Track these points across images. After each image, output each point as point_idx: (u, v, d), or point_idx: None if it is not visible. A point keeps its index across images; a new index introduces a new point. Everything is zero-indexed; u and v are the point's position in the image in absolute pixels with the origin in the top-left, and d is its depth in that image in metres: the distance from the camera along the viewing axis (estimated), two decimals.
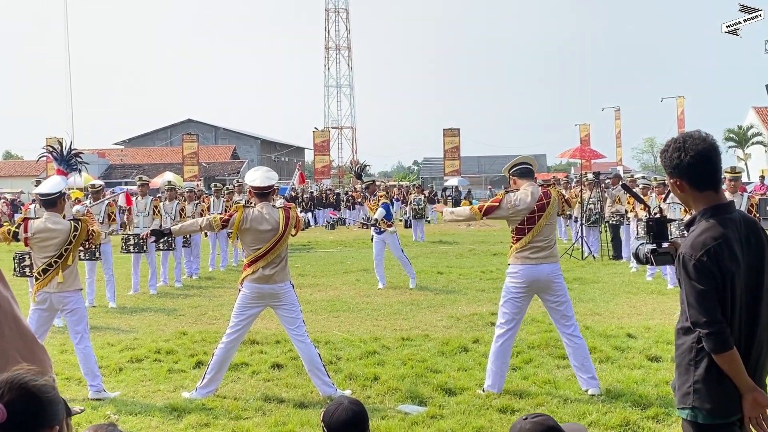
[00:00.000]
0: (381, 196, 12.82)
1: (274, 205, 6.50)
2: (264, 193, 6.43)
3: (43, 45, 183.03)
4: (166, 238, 6.63)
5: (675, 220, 9.52)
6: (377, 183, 13.52)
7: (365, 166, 14.15)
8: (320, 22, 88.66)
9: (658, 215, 3.56)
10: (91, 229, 6.62)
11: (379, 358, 7.50)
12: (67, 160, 6.97)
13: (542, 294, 6.32)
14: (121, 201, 12.87)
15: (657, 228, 3.45)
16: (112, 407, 6.07)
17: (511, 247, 6.31)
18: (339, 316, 10.00)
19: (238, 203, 6.84)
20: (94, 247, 10.48)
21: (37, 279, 6.48)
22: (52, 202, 6.55)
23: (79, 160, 7.16)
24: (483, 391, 6.24)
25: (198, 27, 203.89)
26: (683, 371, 2.94)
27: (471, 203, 7.66)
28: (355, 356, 7.57)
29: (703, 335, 2.81)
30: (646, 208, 12.45)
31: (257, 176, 6.45)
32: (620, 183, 13.10)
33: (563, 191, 6.75)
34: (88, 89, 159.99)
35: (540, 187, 6.34)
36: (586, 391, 6.10)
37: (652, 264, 3.46)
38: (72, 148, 7.07)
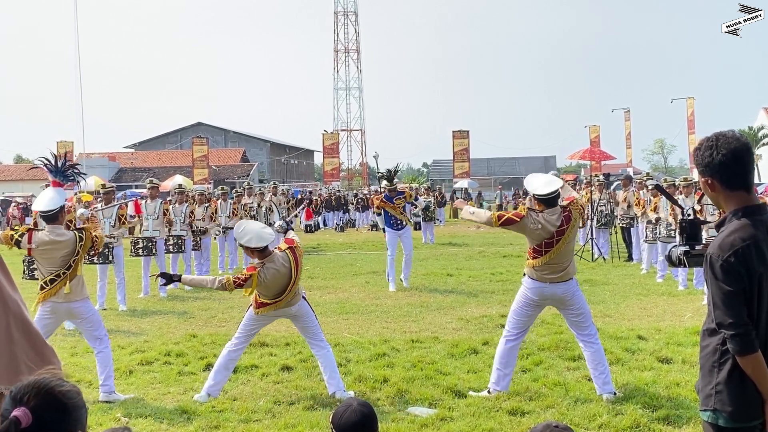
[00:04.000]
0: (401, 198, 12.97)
1: (279, 248, 6.43)
2: (264, 249, 6.29)
3: (53, 48, 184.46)
4: (174, 282, 6.57)
5: (709, 222, 9.37)
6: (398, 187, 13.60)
7: (397, 170, 14.13)
8: (329, 24, 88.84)
9: (691, 217, 3.48)
10: (94, 234, 6.61)
11: (389, 360, 7.50)
12: (63, 171, 6.82)
13: (557, 306, 6.31)
14: (130, 209, 12.91)
15: (690, 230, 3.38)
16: (122, 409, 6.09)
17: (528, 260, 6.24)
18: (348, 319, 10.00)
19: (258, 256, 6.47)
20: (105, 250, 10.59)
21: (42, 288, 6.40)
22: (54, 217, 6.49)
23: (76, 171, 6.99)
24: (489, 392, 6.22)
25: (208, 31, 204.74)
26: (706, 373, 2.90)
27: (481, 205, 7.61)
28: (365, 358, 7.57)
29: (728, 337, 2.78)
30: (665, 211, 12.50)
31: (252, 236, 6.23)
32: (654, 185, 12.98)
33: (576, 195, 6.60)
34: (98, 93, 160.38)
35: (562, 210, 6.15)
36: (601, 395, 6.04)
37: (685, 266, 3.38)
38: (66, 159, 6.91)
